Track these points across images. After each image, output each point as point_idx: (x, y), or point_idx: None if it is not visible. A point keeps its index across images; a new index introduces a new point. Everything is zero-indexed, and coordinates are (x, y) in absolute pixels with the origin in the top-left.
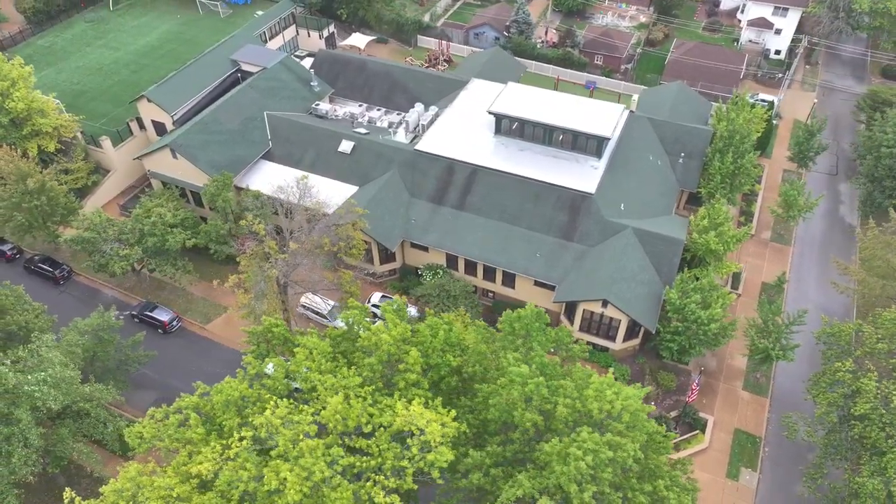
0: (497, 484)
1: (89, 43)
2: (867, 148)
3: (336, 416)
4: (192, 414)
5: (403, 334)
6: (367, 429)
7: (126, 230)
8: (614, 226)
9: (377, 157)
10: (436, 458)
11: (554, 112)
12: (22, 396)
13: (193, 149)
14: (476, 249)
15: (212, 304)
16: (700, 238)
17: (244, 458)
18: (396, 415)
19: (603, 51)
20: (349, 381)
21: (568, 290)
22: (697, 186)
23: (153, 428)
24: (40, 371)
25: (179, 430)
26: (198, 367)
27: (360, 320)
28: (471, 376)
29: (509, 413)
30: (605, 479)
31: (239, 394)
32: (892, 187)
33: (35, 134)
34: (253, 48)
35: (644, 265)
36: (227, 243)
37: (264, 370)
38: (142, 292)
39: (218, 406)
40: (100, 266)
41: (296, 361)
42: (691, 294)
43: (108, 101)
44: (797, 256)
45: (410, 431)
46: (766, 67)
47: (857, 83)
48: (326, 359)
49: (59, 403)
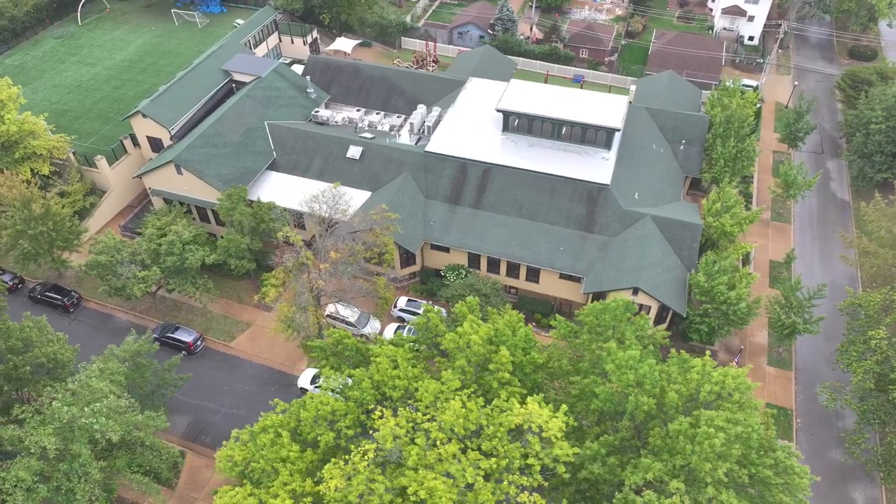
0: (614, 472)
1: (62, 60)
2: (855, 126)
3: (459, 419)
4: (284, 432)
5: (489, 334)
6: (490, 430)
7: (141, 250)
8: (632, 215)
9: (387, 161)
10: (560, 452)
11: (561, 106)
12: (77, 430)
13: (199, 163)
14: (499, 247)
15: (233, 322)
16: (716, 221)
17: (369, 472)
18: (514, 413)
19: (588, 44)
20: (450, 384)
21: (597, 281)
22: (700, 172)
23: (243, 450)
24: (95, 402)
25: (273, 449)
26: (228, 387)
27: (437, 322)
28: (555, 371)
29: (618, 401)
30: (733, 456)
31: (330, 408)
32: (882, 162)
33: (27, 157)
34: (243, 57)
35: (666, 251)
36: (245, 258)
37: (343, 382)
38: (158, 314)
39: (307, 422)
40: (115, 290)
41: (380, 371)
42: (717, 276)
43: (93, 119)
44: (798, 233)
45: (528, 429)
46: (744, 54)
47: (827, 64)
48: (410, 364)
49: (118, 435)
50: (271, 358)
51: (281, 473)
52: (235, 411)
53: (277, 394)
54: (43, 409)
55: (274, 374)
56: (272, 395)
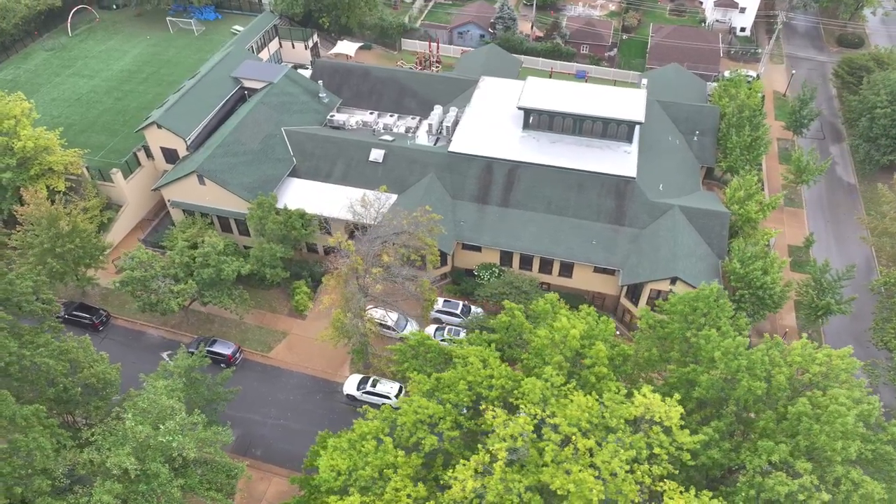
0: (729, 457)
1: (57, 73)
2: (858, 111)
3: (584, 413)
4: (387, 438)
5: (586, 329)
6: (612, 422)
7: (174, 264)
8: (660, 206)
9: (411, 163)
10: (686, 440)
11: (582, 102)
12: (152, 449)
13: (222, 173)
14: (533, 244)
15: (269, 332)
16: (741, 208)
17: (503, 471)
18: (633, 405)
19: (589, 40)
20: (553, 380)
21: (634, 273)
22: (716, 162)
23: (346, 458)
24: (167, 419)
25: (377, 455)
26: (272, 397)
27: (522, 321)
28: (646, 361)
29: (721, 388)
30: (859, 434)
31: (430, 411)
32: (887, 145)
33: (42, 173)
34: (252, 64)
35: (697, 240)
36: (278, 266)
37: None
38: (190, 328)
39: (407, 427)
40: (150, 305)
41: (472, 371)
42: (752, 262)
43: (99, 133)
44: (811, 218)
45: (649, 419)
46: (739, 45)
47: (818, 52)
48: (499, 363)
49: (193, 452)
50: (312, 366)
51: (393, 479)
52: (283, 422)
53: (323, 402)
54: (115, 429)
55: (317, 383)
56: (318, 403)
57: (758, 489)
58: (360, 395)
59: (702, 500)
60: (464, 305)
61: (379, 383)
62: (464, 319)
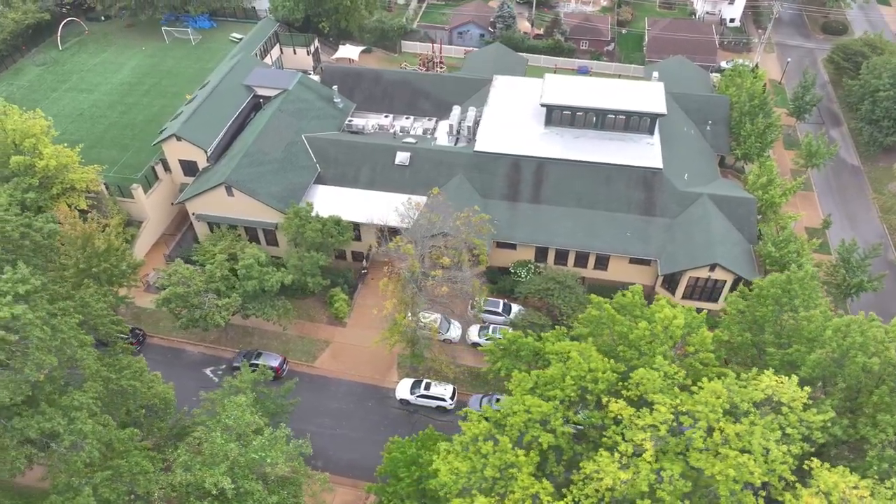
0: (847, 433)
1: (54, 88)
2: (859, 95)
3: (718, 399)
4: (504, 438)
5: (688, 318)
6: (744, 406)
7: (215, 278)
8: (689, 195)
9: (437, 165)
10: (815, 419)
11: (604, 97)
12: (241, 467)
13: (250, 183)
14: (568, 238)
15: (311, 341)
16: (765, 194)
17: (649, 459)
18: (758, 388)
19: (588, 35)
20: (665, 369)
21: (672, 262)
22: (730, 150)
23: (464, 461)
24: (256, 435)
25: (496, 455)
26: (324, 407)
27: (612, 314)
28: (739, 346)
29: (827, 366)
30: None
31: (542, 409)
32: (890, 126)
33: (63, 192)
34: (263, 71)
35: (728, 227)
36: (317, 275)
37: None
38: (230, 343)
39: (517, 426)
40: (192, 321)
41: (573, 365)
42: (785, 245)
43: (109, 148)
44: (822, 200)
45: (776, 401)
46: (731, 35)
47: (805, 40)
48: (601, 356)
49: (286, 466)
50: (359, 373)
51: (519, 478)
52: (339, 431)
53: (376, 408)
54: (201, 448)
55: (367, 389)
56: (371, 410)
57: (889, 462)
58: (415, 398)
59: (847, 475)
60: (504, 303)
61: (432, 386)
62: (513, 318)
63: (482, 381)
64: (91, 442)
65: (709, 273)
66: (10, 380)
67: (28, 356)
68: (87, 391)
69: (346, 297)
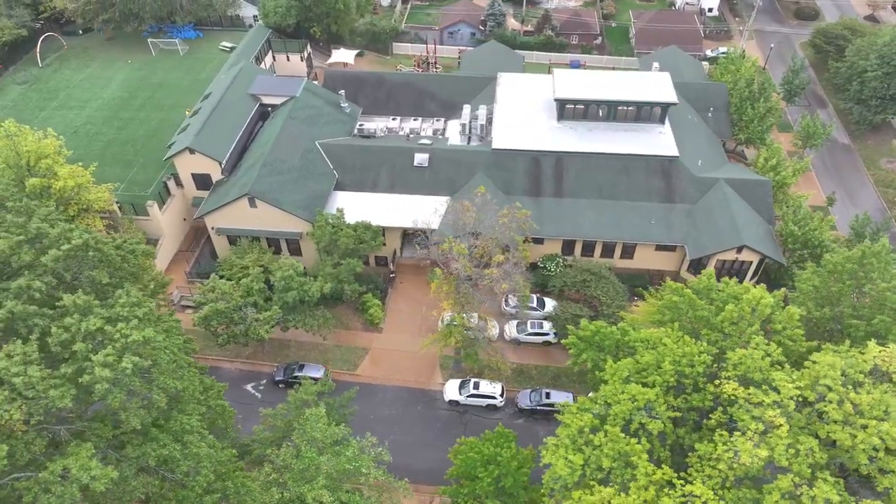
0: None
1: (41, 106)
2: (846, 76)
3: (833, 371)
4: (614, 428)
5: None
6: (858, 377)
7: (252, 291)
8: (706, 181)
9: (457, 164)
10: None
11: (615, 89)
12: (332, 479)
13: (273, 193)
14: (595, 230)
15: (349, 349)
16: (777, 175)
17: (785, 435)
18: (865, 359)
19: (578, 30)
20: (763, 348)
21: (700, 246)
22: (733, 135)
23: (576, 452)
24: (338, 446)
25: (609, 445)
26: (373, 414)
27: (691, 298)
28: (818, 320)
29: None
30: None
31: (646, 396)
32: (877, 105)
33: (79, 213)
34: (267, 79)
35: (747, 209)
36: (353, 282)
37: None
38: (266, 357)
39: (621, 414)
40: (233, 337)
41: (667, 351)
42: (807, 223)
43: (112, 165)
44: (821, 178)
45: (882, 371)
46: (712, 24)
47: (781, 26)
48: (692, 340)
49: (381, 475)
50: (403, 378)
51: (640, 465)
52: (393, 437)
53: (426, 412)
54: (288, 462)
55: (413, 393)
56: (420, 414)
57: None
58: (464, 398)
59: None
60: (538, 298)
61: (481, 384)
62: (552, 311)
63: (526, 377)
64: (206, 465)
65: (736, 255)
66: (139, 406)
67: (153, 381)
68: (192, 413)
69: (379, 303)
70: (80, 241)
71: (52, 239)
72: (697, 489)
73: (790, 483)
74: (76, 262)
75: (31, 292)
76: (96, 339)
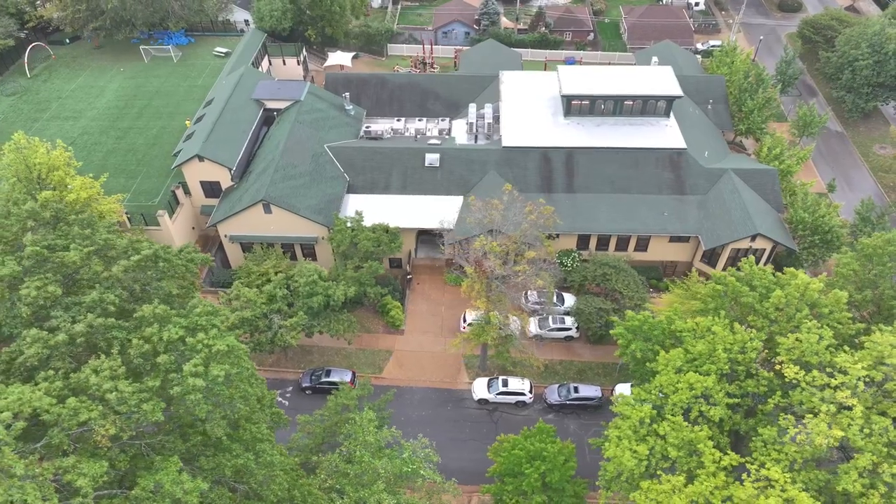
0: None
1: (34, 118)
2: (837, 66)
3: None
4: (676, 417)
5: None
6: None
7: (277, 298)
8: (715, 172)
9: (468, 163)
10: None
11: (620, 84)
12: (389, 483)
13: (287, 198)
14: (609, 224)
15: (372, 352)
16: (782, 164)
17: (861, 414)
18: None
19: (571, 27)
20: (816, 332)
21: (714, 236)
22: (733, 126)
23: (640, 443)
24: (403, 450)
25: (673, 434)
26: (404, 416)
27: (735, 285)
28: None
29: None
30: None
31: (703, 385)
32: (869, 93)
33: None
34: (269, 83)
35: (757, 198)
36: (374, 284)
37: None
38: (289, 363)
39: (680, 403)
40: (260, 345)
41: (719, 339)
42: (816, 209)
43: (116, 175)
44: (819, 165)
45: None
46: (701, 18)
47: (766, 19)
48: (742, 328)
49: (437, 475)
50: (429, 378)
51: (705, 453)
52: (426, 438)
53: (456, 411)
54: (344, 469)
55: (440, 394)
56: (451, 413)
57: None
58: (494, 396)
59: None
60: (557, 293)
61: (510, 381)
62: (574, 306)
63: (551, 372)
64: (279, 474)
65: (749, 243)
66: (221, 416)
67: (236, 389)
68: (259, 422)
69: (399, 305)
70: (149, 252)
71: (120, 250)
72: (774, 473)
73: (869, 461)
74: (144, 274)
75: (105, 305)
76: (178, 349)
